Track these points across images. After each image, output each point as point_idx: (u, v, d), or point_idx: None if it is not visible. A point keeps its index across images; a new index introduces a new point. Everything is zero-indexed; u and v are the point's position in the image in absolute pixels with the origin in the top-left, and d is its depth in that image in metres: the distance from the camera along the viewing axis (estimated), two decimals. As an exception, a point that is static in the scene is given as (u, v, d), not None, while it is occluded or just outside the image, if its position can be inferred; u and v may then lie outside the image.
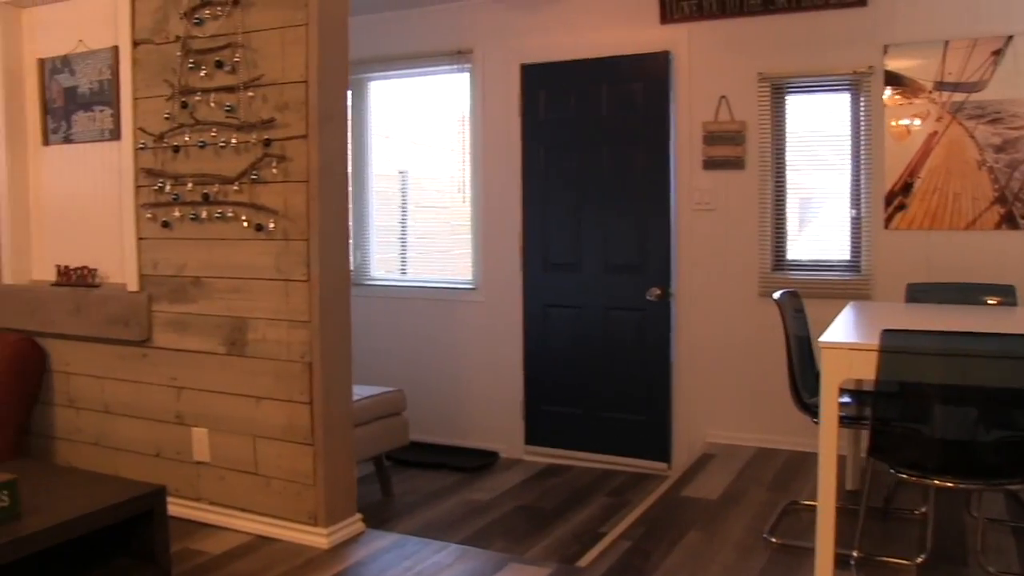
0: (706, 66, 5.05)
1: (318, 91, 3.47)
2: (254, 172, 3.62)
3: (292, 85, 3.51)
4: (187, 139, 3.81)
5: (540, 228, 5.50)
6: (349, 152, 3.78)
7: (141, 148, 3.97)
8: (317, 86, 3.47)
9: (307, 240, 3.54)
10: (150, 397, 4.08)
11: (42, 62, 4.48)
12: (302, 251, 3.55)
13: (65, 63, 4.37)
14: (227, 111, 3.66)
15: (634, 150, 5.21)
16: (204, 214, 3.79)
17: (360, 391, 4.61)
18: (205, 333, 3.86)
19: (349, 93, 3.79)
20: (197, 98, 3.76)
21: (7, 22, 4.47)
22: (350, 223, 3.79)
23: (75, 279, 4.34)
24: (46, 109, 4.50)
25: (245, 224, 3.67)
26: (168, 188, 3.89)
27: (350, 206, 5.91)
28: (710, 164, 5.06)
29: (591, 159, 5.33)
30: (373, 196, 6.18)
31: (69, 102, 4.39)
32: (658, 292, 5.17)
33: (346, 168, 3.67)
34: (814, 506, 3.12)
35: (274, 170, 3.57)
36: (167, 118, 3.86)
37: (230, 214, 3.72)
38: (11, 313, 4.54)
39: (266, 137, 3.57)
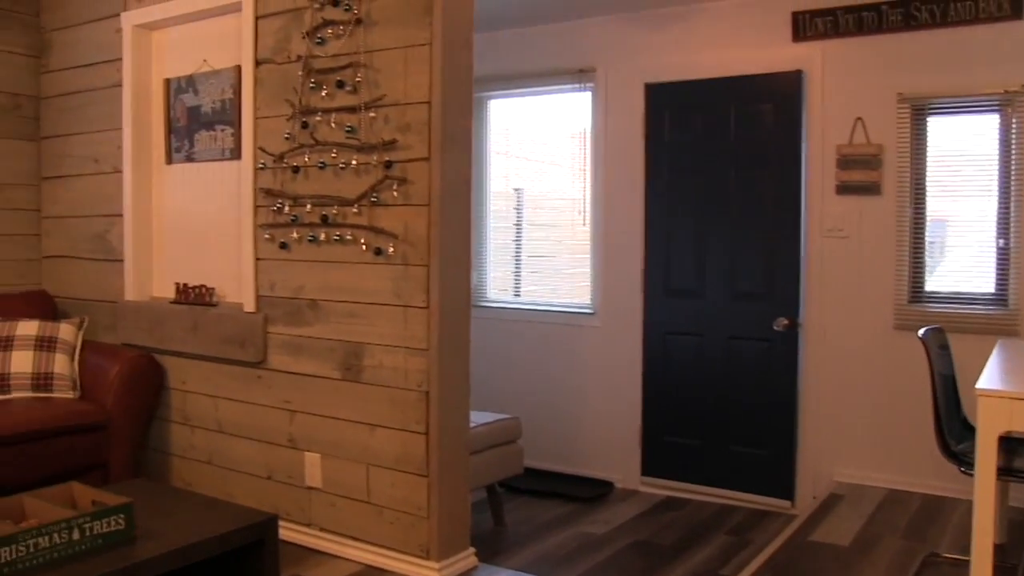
0: (841, 86, 4.77)
1: (441, 112, 3.36)
2: (374, 194, 3.53)
3: (415, 106, 3.42)
4: (307, 160, 3.76)
5: (662, 252, 5.30)
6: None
7: (261, 168, 3.94)
8: (440, 107, 3.36)
9: (427, 266, 3.43)
10: (263, 419, 4.03)
11: (168, 82, 4.51)
12: (422, 277, 3.44)
13: (189, 83, 4.39)
14: (348, 132, 3.59)
15: (763, 173, 4.97)
16: (322, 236, 3.73)
17: (475, 418, 4.48)
18: (320, 357, 3.79)
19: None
20: (318, 118, 3.70)
21: (138, 44, 4.52)
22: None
23: (193, 297, 4.35)
24: (170, 128, 4.53)
25: (364, 248, 3.59)
26: (287, 209, 3.84)
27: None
28: (844, 189, 4.78)
29: (717, 182, 5.11)
30: (490, 215, 6.06)
31: (192, 121, 4.41)
32: (785, 322, 4.91)
33: (469, 192, 3.55)
34: (958, 560, 2.83)
35: (395, 193, 3.47)
36: (287, 138, 3.81)
37: (349, 237, 3.64)
38: (132, 329, 4.58)
39: (387, 159, 3.48)
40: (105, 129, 4.71)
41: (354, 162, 3.58)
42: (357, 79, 3.55)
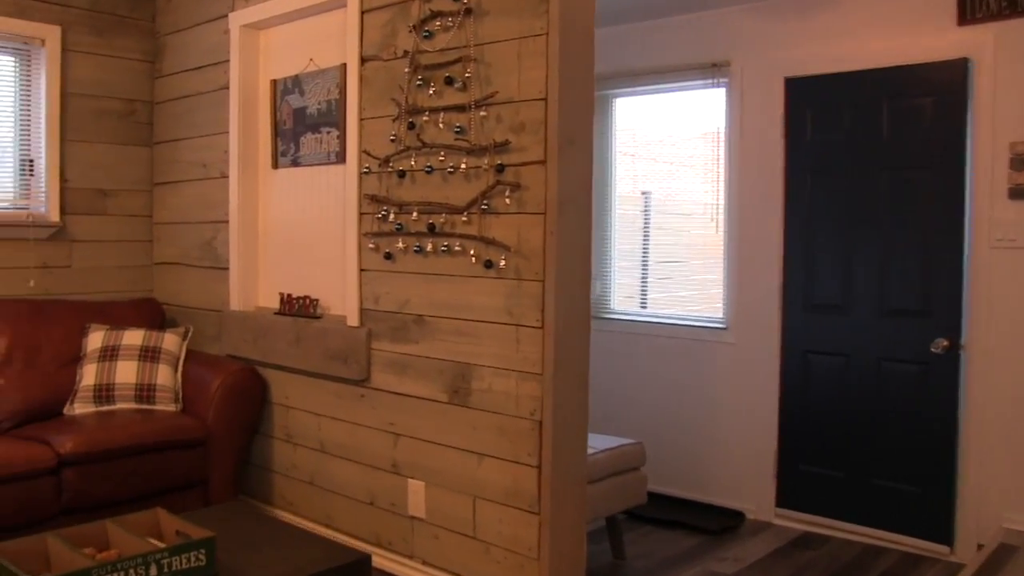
0: (1017, 75, 4.18)
1: (559, 110, 3.01)
2: (485, 202, 3.21)
3: (529, 103, 3.08)
4: (413, 163, 3.47)
5: (803, 262, 4.80)
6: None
7: (365, 172, 3.68)
8: (558, 104, 3.01)
9: (542, 281, 3.08)
10: (366, 441, 3.77)
11: (275, 83, 4.31)
12: (536, 293, 3.10)
13: (296, 83, 4.18)
14: (456, 133, 3.28)
15: (920, 176, 4.42)
16: (429, 246, 3.43)
17: (594, 442, 4.11)
18: (426, 377, 3.50)
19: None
20: (425, 118, 3.41)
21: (246, 45, 4.34)
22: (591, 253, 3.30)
23: (297, 309, 4.13)
24: (276, 131, 4.33)
25: (473, 260, 3.27)
26: (392, 217, 3.57)
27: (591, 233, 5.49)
28: (1018, 193, 4.19)
29: (866, 186, 4.58)
30: (615, 219, 5.65)
31: (298, 123, 4.19)
32: (945, 343, 4.35)
33: (589, 198, 3.19)
34: None
35: (507, 200, 3.14)
36: (392, 140, 3.54)
37: (457, 248, 3.33)
38: (236, 340, 4.40)
39: (499, 162, 3.15)
40: (213, 133, 4.56)
41: (463, 166, 3.27)
42: (467, 75, 3.24)
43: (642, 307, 5.54)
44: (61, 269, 4.72)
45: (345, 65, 3.80)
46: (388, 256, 3.61)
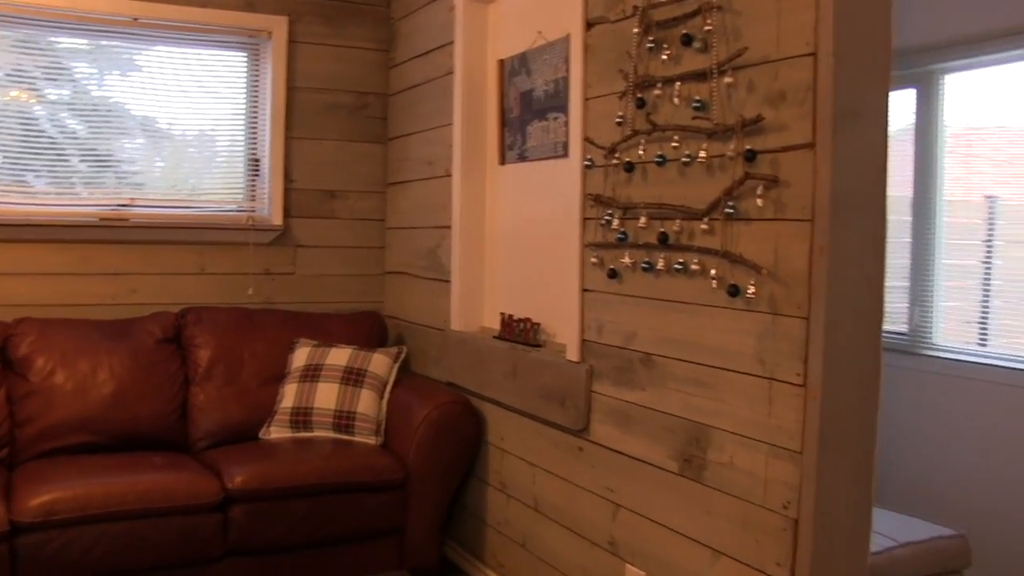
0: None
1: (834, 69, 2.04)
2: (730, 203, 2.31)
3: (791, 62, 2.14)
4: (641, 153, 2.63)
5: None
6: (910, 173, 2.27)
7: (587, 166, 2.89)
8: (832, 61, 2.04)
9: (806, 318, 2.13)
10: (582, 506, 2.98)
11: (502, 64, 3.64)
12: (797, 335, 2.15)
13: (523, 62, 3.48)
14: (695, 109, 2.41)
15: None
16: (660, 263, 2.58)
17: (891, 528, 3.06)
18: (652, 436, 2.65)
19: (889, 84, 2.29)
20: (657, 92, 2.56)
21: (471, 21, 3.71)
22: (907, 267, 2.27)
23: (517, 333, 3.42)
24: (503, 120, 3.66)
25: (714, 283, 2.38)
26: (615, 223, 2.75)
27: (908, 243, 4.25)
28: None
29: None
30: (943, 232, 4.35)
31: (525, 110, 3.49)
32: None
33: (883, 198, 2.18)
34: None
35: (759, 201, 2.23)
36: (619, 123, 2.72)
37: (694, 266, 2.46)
38: (455, 366, 3.78)
39: (748, 147, 2.24)
40: (438, 126, 3.99)
41: (702, 154, 2.39)
42: (707, 28, 2.35)
43: (981, 343, 4.15)
44: (283, 276, 4.36)
45: (569, 35, 3.03)
46: (613, 274, 2.80)
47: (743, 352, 2.31)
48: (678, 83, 2.46)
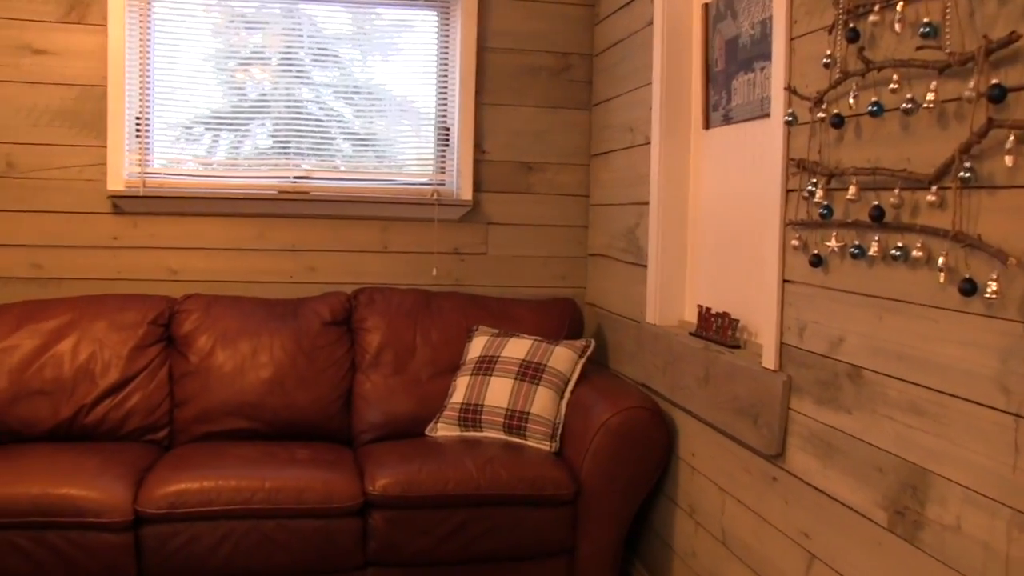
0: None
1: None
2: (967, 163, 1.64)
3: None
4: (852, 102, 1.99)
5: None
6: None
7: (788, 121, 2.27)
8: None
9: (1070, 331, 1.44)
10: (773, 549, 2.38)
11: (706, 8, 3.05)
12: (1056, 355, 1.47)
13: (728, 4, 2.88)
14: (923, 35, 1.74)
15: None
16: (873, 247, 1.93)
17: None
18: (858, 474, 2.01)
19: None
20: (873, 17, 1.91)
21: (677, -43, 3.15)
22: None
23: (714, 330, 2.85)
24: (708, 76, 3.07)
25: (942, 277, 1.72)
26: (818, 194, 2.12)
27: None
28: None
29: None
30: None
31: (730, 61, 2.89)
32: None
33: None
34: None
35: (1008, 159, 1.54)
36: (826, 64, 2.08)
37: (917, 252, 1.80)
38: (648, 365, 3.27)
39: (994, 83, 1.56)
40: (638, 87, 3.46)
41: (930, 96, 1.72)
42: (941, -84, 1.69)
43: None
44: (474, 257, 4.00)
45: (775, -44, 2.41)
46: (817, 260, 2.17)
47: (979, 374, 1.64)
48: (901, 2, 1.80)
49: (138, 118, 3.69)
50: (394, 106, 3.95)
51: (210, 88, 3.78)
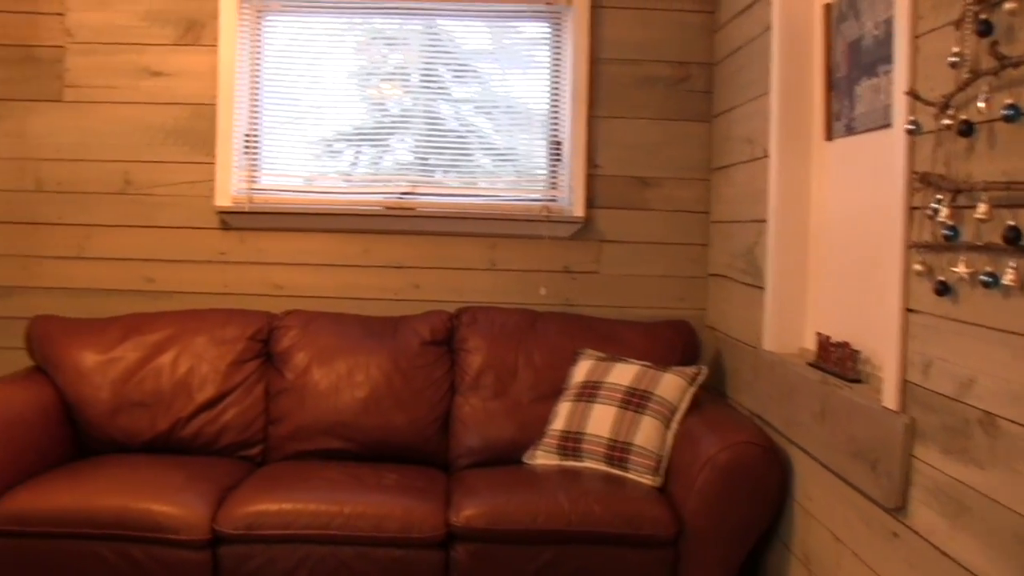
0: None
1: None
2: (1119, 178, 1.36)
3: None
4: (982, 106, 1.71)
5: None
6: None
7: (911, 130, 2.00)
8: None
9: None
10: (892, 619, 2.10)
11: (828, 8, 2.79)
12: None
13: (851, 3, 2.61)
14: (1066, 26, 1.47)
15: None
16: (1009, 275, 1.65)
17: None
18: (992, 540, 1.73)
19: None
20: (1010, 5, 1.63)
21: (798, -45, 2.90)
22: None
23: (833, 361, 2.58)
24: (830, 82, 2.80)
25: (1089, 311, 1.43)
26: (944, 212, 1.85)
27: None
28: None
29: None
30: None
31: (853, 66, 2.62)
32: None
33: None
34: None
35: None
36: (953, 64, 1.81)
37: (1059, 281, 1.51)
38: (763, 396, 3.02)
39: None
40: (758, 95, 3.21)
41: (1074, 99, 1.45)
42: None
43: None
44: (585, 276, 3.82)
45: (899, -55, 2.14)
46: (943, 288, 1.90)
47: None
48: (1037, -13, 1.53)
49: (247, 135, 3.69)
50: (504, 121, 3.83)
51: (329, 106, 3.78)
